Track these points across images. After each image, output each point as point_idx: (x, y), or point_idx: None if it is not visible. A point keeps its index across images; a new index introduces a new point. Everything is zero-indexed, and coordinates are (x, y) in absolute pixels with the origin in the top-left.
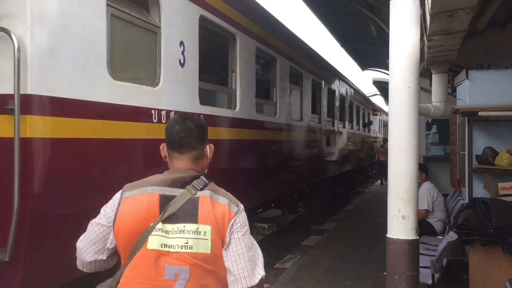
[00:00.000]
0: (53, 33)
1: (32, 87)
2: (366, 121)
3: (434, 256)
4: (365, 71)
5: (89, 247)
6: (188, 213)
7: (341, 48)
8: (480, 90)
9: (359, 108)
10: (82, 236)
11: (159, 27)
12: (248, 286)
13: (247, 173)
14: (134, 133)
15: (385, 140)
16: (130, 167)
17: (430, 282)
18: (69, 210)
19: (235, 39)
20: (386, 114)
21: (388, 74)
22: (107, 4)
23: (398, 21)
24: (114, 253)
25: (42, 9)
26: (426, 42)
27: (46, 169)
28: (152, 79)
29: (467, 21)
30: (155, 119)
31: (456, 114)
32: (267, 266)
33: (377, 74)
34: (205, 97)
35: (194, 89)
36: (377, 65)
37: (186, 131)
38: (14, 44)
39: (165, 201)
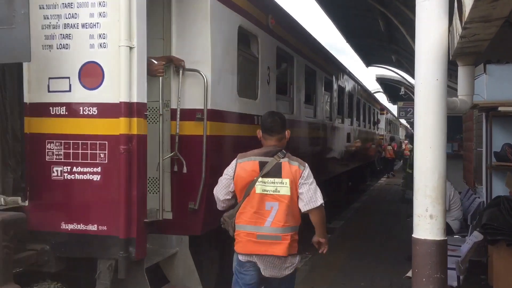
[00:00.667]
0: (218, 71)
1: (210, 104)
2: (375, 119)
3: (454, 256)
4: (369, 67)
5: (221, 190)
6: (276, 172)
7: (347, 43)
8: (498, 84)
9: (370, 108)
10: (216, 187)
11: (258, 57)
12: (313, 207)
13: None
14: (248, 132)
15: (392, 138)
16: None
17: (455, 284)
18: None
19: (293, 59)
20: (391, 113)
21: (393, 71)
22: (237, 48)
23: (426, 10)
24: (233, 196)
25: (215, 58)
26: (460, 31)
27: (215, 152)
28: (254, 95)
29: (509, 7)
30: (255, 122)
31: (473, 109)
32: None
33: (381, 71)
34: (279, 105)
35: (274, 100)
36: (382, 62)
37: (274, 122)
38: (204, 79)
39: (262, 165)
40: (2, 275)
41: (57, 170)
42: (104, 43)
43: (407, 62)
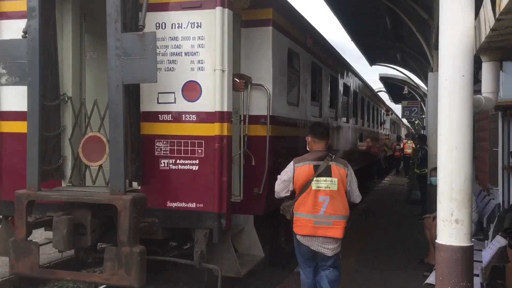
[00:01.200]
0: (276, 85)
1: (271, 112)
2: (382, 120)
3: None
4: (373, 66)
5: (282, 190)
6: (327, 172)
7: (352, 41)
8: None
9: (378, 110)
10: (276, 184)
11: (299, 71)
12: (355, 202)
13: None
14: (293, 133)
15: (399, 137)
16: (295, 148)
17: None
18: (277, 169)
19: (321, 70)
20: (395, 113)
21: (398, 70)
22: (287, 65)
23: (451, 2)
24: (291, 192)
25: (274, 74)
26: (491, 23)
27: (273, 149)
28: (296, 102)
29: None
30: (298, 126)
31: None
32: (288, 269)
33: (385, 70)
34: (312, 110)
35: (309, 106)
36: (386, 60)
37: (324, 130)
38: (268, 92)
39: (315, 167)
40: (132, 238)
41: (164, 162)
42: (202, 67)
43: (413, 61)
